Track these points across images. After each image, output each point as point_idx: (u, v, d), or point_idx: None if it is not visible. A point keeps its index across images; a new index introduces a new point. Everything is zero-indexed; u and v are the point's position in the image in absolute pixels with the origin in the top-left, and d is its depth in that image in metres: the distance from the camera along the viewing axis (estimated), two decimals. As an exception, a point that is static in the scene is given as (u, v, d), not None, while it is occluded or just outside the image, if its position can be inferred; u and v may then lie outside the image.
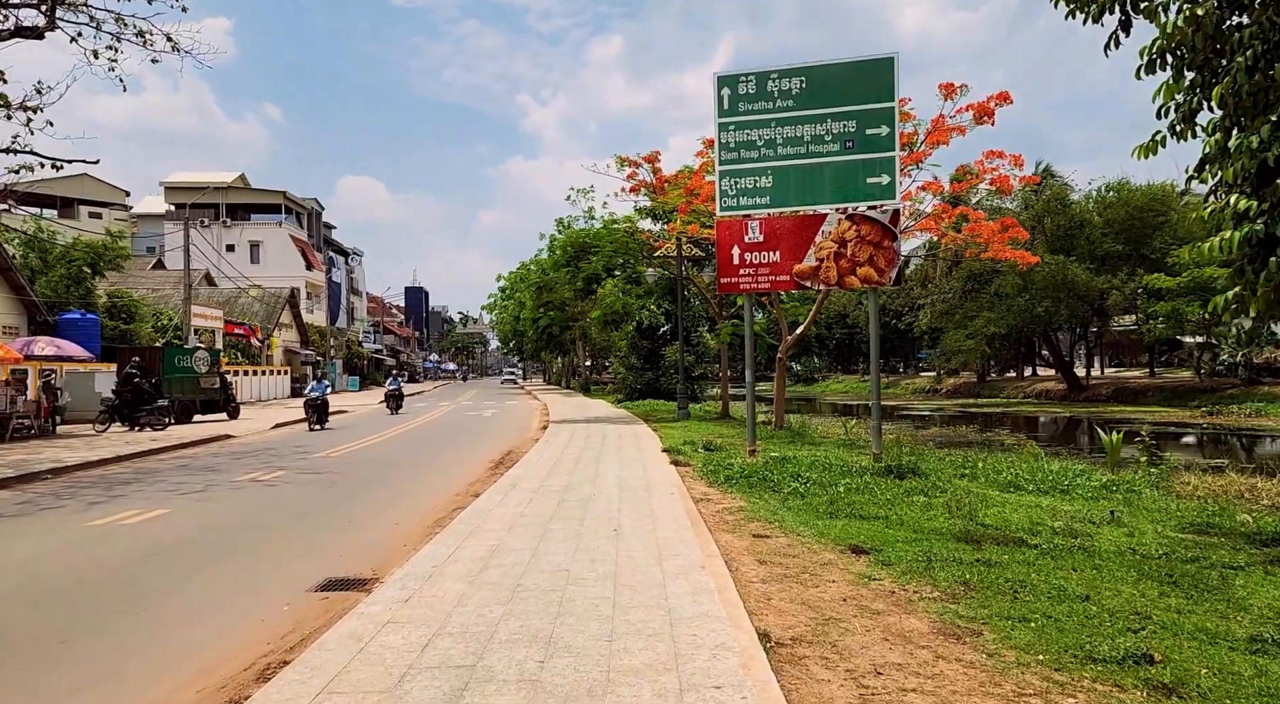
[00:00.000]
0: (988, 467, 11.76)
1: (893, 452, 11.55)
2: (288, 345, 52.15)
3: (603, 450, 14.17)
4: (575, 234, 22.50)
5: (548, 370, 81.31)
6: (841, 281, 10.36)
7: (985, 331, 47.10)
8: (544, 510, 8.19)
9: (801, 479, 9.37)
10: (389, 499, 10.30)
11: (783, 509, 8.12)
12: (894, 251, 10.15)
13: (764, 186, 10.56)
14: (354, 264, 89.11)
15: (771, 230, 10.60)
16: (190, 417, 23.91)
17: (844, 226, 10.29)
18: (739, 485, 9.48)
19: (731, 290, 10.99)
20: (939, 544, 6.50)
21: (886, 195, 10.07)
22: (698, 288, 23.12)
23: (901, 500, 8.35)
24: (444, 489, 11.02)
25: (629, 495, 9.02)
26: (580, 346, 51.98)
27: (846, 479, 9.33)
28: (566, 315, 33.33)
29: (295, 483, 11.56)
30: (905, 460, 10.21)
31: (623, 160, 20.83)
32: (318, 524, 8.61)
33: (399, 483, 11.77)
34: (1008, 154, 15.05)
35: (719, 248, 10.89)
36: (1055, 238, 45.94)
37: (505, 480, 10.62)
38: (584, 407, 30.61)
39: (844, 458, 11.60)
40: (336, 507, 9.69)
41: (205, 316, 36.48)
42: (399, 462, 14.51)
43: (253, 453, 16.05)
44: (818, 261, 10.40)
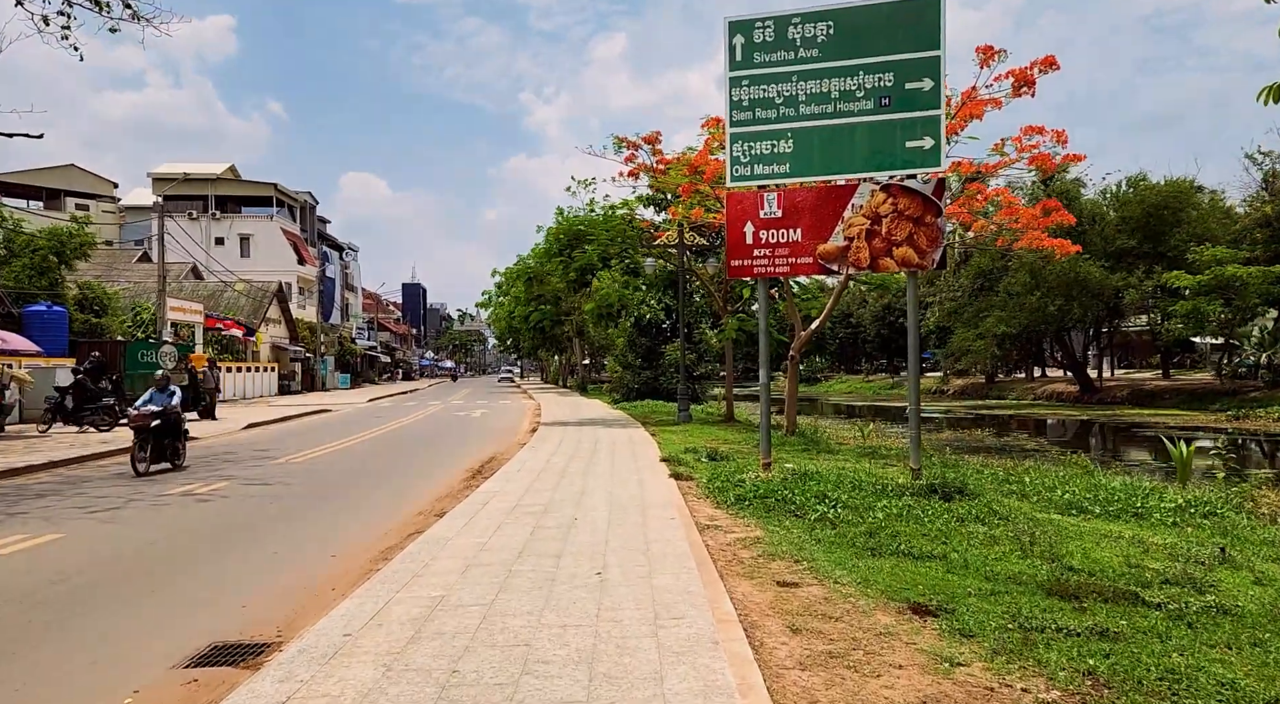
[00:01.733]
0: (1036, 482, 10.17)
1: (933, 467, 9.96)
2: (276, 341, 50.51)
3: (594, 458, 12.57)
4: (569, 221, 20.88)
5: (545, 369, 79.69)
6: (875, 264, 8.76)
7: (995, 331, 45.49)
8: (514, 541, 6.58)
9: (829, 500, 7.76)
10: (337, 519, 8.70)
11: (810, 542, 6.51)
12: (937, 229, 8.55)
13: (783, 152, 8.95)
14: (349, 259, 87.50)
15: (792, 204, 9.00)
16: (156, 416, 22.28)
17: (878, 199, 8.68)
18: (753, 508, 7.87)
19: (743, 275, 9.39)
20: (1025, 599, 4.91)
21: (930, 162, 8.46)
22: (700, 280, 21.49)
23: (956, 530, 6.74)
24: (406, 506, 9.42)
25: (620, 520, 7.42)
26: (577, 344, 50.35)
27: (884, 501, 7.72)
28: (559, 310, 31.69)
29: (235, 497, 9.96)
30: (949, 476, 8.60)
31: (621, 141, 19.22)
32: (238, 555, 7.00)
33: (356, 497, 10.17)
34: (1049, 129, 13.48)
35: (729, 225, 9.28)
36: (1065, 233, 44.29)
37: (477, 497, 9.02)
38: (579, 407, 28.99)
39: (874, 472, 10.00)
40: (270, 529, 8.08)
41: (184, 310, 34.86)
42: (366, 470, 12.92)
43: (207, 458, 14.45)
44: (846, 241, 8.80)
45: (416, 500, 9.84)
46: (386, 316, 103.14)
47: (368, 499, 10.08)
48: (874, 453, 13.90)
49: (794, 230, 8.97)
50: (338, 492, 10.56)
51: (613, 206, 20.87)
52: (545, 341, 51.83)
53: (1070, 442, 27.00)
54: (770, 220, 9.05)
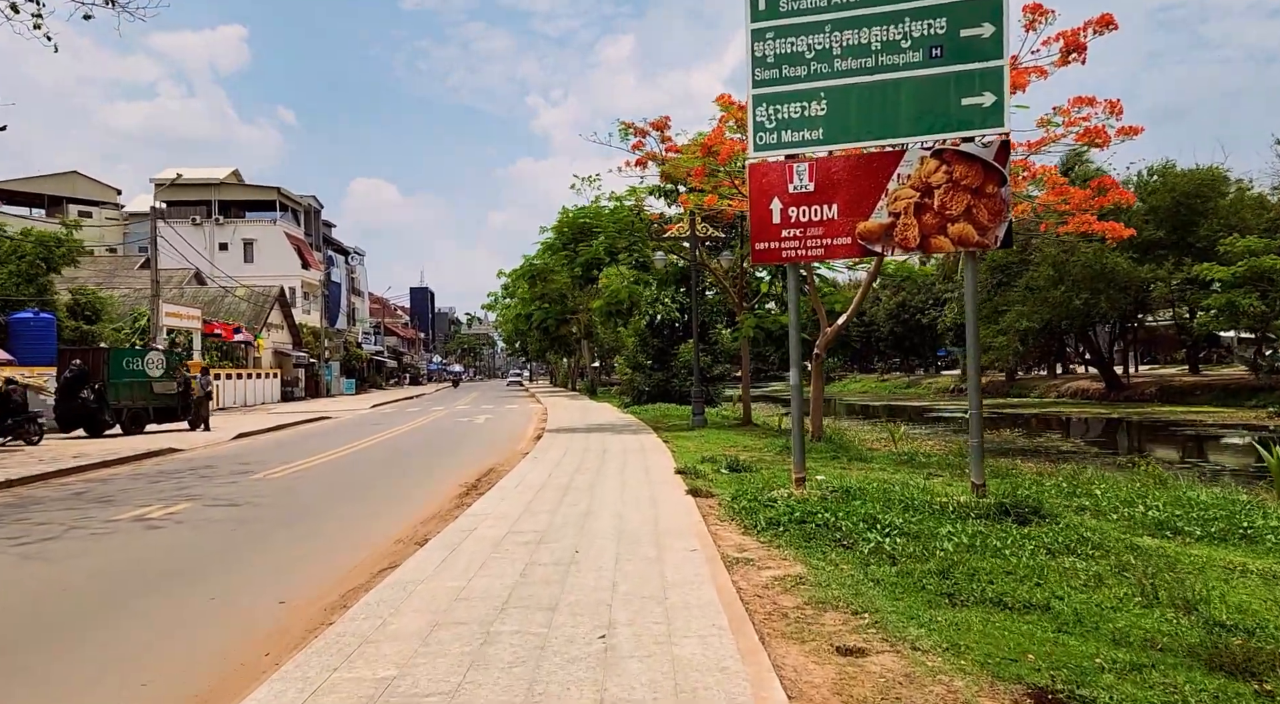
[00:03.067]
0: (1109, 495, 8.84)
1: (999, 483, 8.64)
2: (278, 347, 49.53)
3: (601, 471, 11.30)
4: (573, 214, 19.63)
5: (554, 372, 78.50)
6: (926, 244, 7.44)
7: (1017, 326, 43.96)
8: (499, 585, 5.32)
9: (880, 526, 6.45)
10: (301, 550, 7.46)
11: (867, 583, 5.22)
12: (1001, 200, 7.23)
13: (815, 115, 7.66)
14: (355, 264, 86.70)
15: (826, 176, 7.70)
16: (143, 426, 21.19)
17: (929, 167, 7.37)
18: (789, 535, 6.57)
19: (768, 260, 8.10)
20: (1181, 677, 3.60)
21: (991, 121, 7.16)
22: (714, 276, 20.19)
23: (1048, 566, 5.43)
24: (385, 531, 8.18)
25: (631, 553, 6.14)
26: (585, 346, 49.10)
27: (947, 526, 6.41)
28: (565, 308, 30.41)
29: (193, 522, 8.74)
30: (1021, 493, 7.26)
31: (627, 127, 17.92)
32: (170, 602, 5.77)
33: (331, 521, 8.94)
34: (1101, 99, 12.13)
35: (752, 202, 7.99)
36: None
37: (465, 521, 7.77)
38: (587, 411, 27.73)
39: (921, 485, 8.68)
40: (220, 565, 6.85)
41: (181, 316, 33.85)
42: (350, 485, 11.70)
43: (181, 473, 13.27)
44: (891, 217, 7.49)
45: (398, 524, 8.60)
46: (394, 321, 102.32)
47: (343, 523, 8.85)
48: (911, 460, 12.56)
49: (829, 206, 7.67)
50: (311, 514, 9.34)
51: (620, 197, 19.61)
52: (553, 343, 50.61)
53: (1108, 442, 25.53)
54: (801, 195, 7.76)
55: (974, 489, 7.37)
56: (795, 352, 8.02)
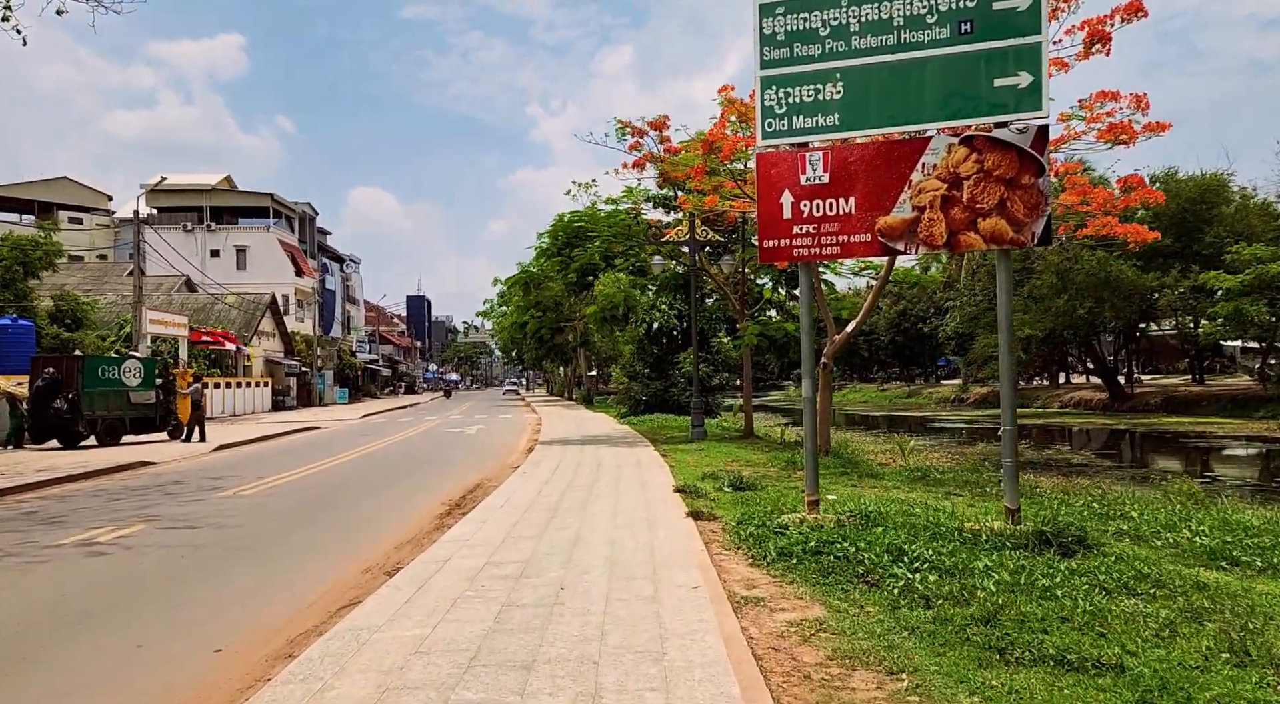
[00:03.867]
0: (1148, 518, 8.07)
1: (1035, 507, 7.86)
2: (270, 355, 48.70)
3: (594, 488, 10.51)
4: (568, 218, 18.90)
5: (551, 381, 77.65)
6: (954, 241, 6.69)
7: (1020, 336, 43.28)
8: (468, 634, 4.53)
9: (907, 558, 5.68)
10: (255, 582, 6.67)
11: (900, 632, 4.44)
12: (1038, 192, 6.49)
13: (830, 99, 6.92)
14: (350, 271, 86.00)
15: (842, 166, 6.95)
16: (119, 438, 20.35)
17: (958, 155, 6.63)
18: (804, 568, 5.79)
19: (778, 259, 7.34)
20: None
21: (1027, 104, 6.43)
22: (715, 282, 19.45)
23: (1108, 610, 4.65)
24: (352, 559, 7.40)
25: (624, 592, 5.36)
26: (582, 354, 48.31)
27: (982, 558, 5.63)
28: (560, 316, 29.62)
29: (142, 547, 7.94)
30: (1062, 520, 6.47)
31: (624, 126, 17.23)
32: (85, 651, 4.97)
33: (296, 546, 8.15)
34: (1125, 94, 11.45)
35: (760, 195, 7.24)
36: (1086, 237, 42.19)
37: (439, 549, 6.98)
38: (582, 422, 26.92)
39: (945, 508, 7.90)
40: (159, 601, 6.06)
41: (166, 323, 33.03)
42: (325, 503, 10.91)
43: (147, 489, 12.45)
44: (915, 211, 6.74)
45: (370, 549, 7.82)
46: (390, 329, 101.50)
47: (310, 548, 8.06)
48: (925, 477, 11.79)
49: (845, 200, 6.93)
50: (277, 538, 8.53)
51: (615, 200, 18.88)
52: (550, 352, 49.83)
53: (1119, 454, 24.78)
54: (814, 188, 7.01)
55: (1008, 514, 6.59)
56: (808, 359, 7.25)
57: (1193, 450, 24.58)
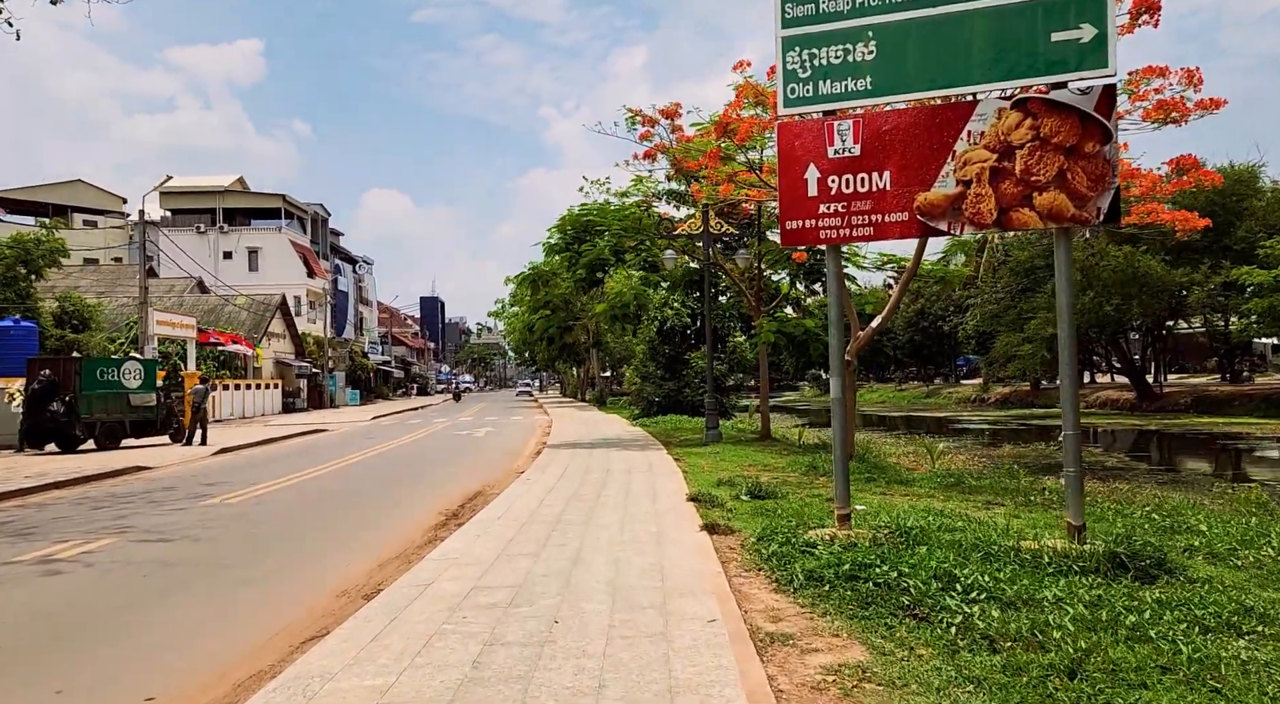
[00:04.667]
0: (1218, 532, 7.19)
1: (1099, 521, 6.99)
2: (280, 357, 48.34)
3: (601, 497, 9.74)
4: (576, 212, 18.15)
5: (564, 382, 76.98)
6: (1005, 219, 5.87)
7: (1044, 334, 42.09)
8: (437, 685, 3.77)
9: (959, 585, 4.86)
10: (213, 609, 5.95)
11: (961, 683, 3.63)
12: (1104, 162, 5.66)
13: (862, 60, 6.12)
14: (363, 273, 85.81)
15: (876, 136, 6.14)
16: (118, 441, 19.81)
17: (1009, 122, 5.81)
18: (840, 597, 4.98)
19: (801, 242, 6.54)
20: None
21: (1091, 62, 5.60)
22: (729, 277, 18.63)
23: (1217, 656, 3.81)
24: (333, 576, 6.68)
25: (628, 627, 4.58)
26: (594, 355, 47.55)
27: (1049, 587, 4.81)
28: (569, 314, 28.83)
29: (104, 565, 7.25)
30: (1139, 541, 5.61)
31: (635, 114, 16.48)
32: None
33: (271, 562, 7.42)
34: (1174, 69, 10.54)
35: (782, 169, 6.45)
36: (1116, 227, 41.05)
37: (424, 569, 6.23)
38: (594, 424, 26.17)
39: (1001, 526, 7.05)
40: (100, 632, 5.35)
41: (174, 324, 32.54)
42: (316, 512, 10.21)
43: (133, 497, 11.82)
44: (960, 186, 5.93)
45: (354, 566, 7.09)
46: (403, 331, 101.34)
47: (287, 564, 7.34)
48: (959, 483, 10.93)
49: (879, 174, 6.11)
50: (253, 552, 7.82)
51: (625, 192, 18.12)
52: (562, 352, 49.16)
53: (1156, 457, 23.69)
54: (843, 161, 6.20)
55: (1071, 532, 5.75)
56: (837, 356, 6.44)
57: (1233, 453, 23.48)
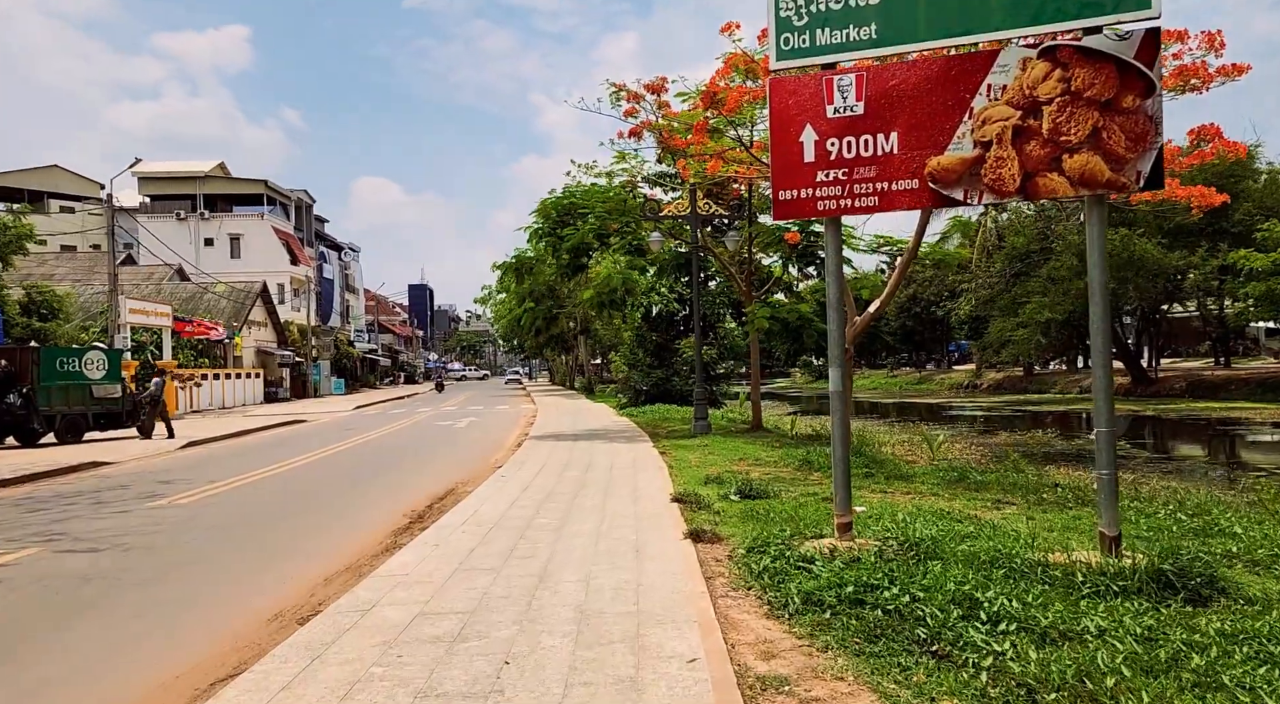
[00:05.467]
0: (1255, 534, 6.51)
1: (1136, 527, 6.27)
2: (262, 345, 47.33)
3: (578, 498, 8.99)
4: (558, 197, 17.30)
5: (553, 370, 76.17)
6: (1030, 186, 5.11)
7: (1039, 319, 41.54)
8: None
9: (983, 612, 4.13)
10: (115, 643, 5.17)
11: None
12: (1145, 118, 4.91)
13: (865, 5, 5.33)
14: (349, 260, 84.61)
15: (881, 92, 5.37)
16: (81, 435, 18.93)
17: (1035, 73, 5.04)
18: (844, 627, 4.25)
19: (796, 215, 5.77)
20: None
21: (1130, 2, 4.84)
22: (719, 261, 17.84)
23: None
24: (269, 595, 5.92)
25: (592, 669, 3.84)
26: (583, 342, 46.73)
27: (1090, 615, 4.09)
28: (555, 302, 27.98)
29: (12, 582, 6.46)
30: (1187, 556, 4.88)
31: (618, 89, 15.63)
32: None
33: (206, 576, 6.65)
34: (1193, 34, 9.79)
35: (773, 133, 5.67)
36: (1112, 208, 40.51)
37: (367, 588, 5.48)
38: (580, 413, 25.41)
39: (1020, 534, 6.34)
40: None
41: (148, 312, 31.56)
42: (269, 514, 9.42)
43: (78, 497, 11.00)
44: (978, 148, 5.17)
45: (293, 583, 6.32)
46: (390, 319, 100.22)
47: (223, 579, 6.57)
48: (963, 478, 10.22)
49: (885, 137, 5.35)
50: (189, 564, 7.05)
51: (609, 173, 17.28)
52: (550, 340, 48.33)
53: (1157, 444, 23.13)
54: (844, 121, 5.42)
55: (1104, 543, 5.03)
56: (836, 343, 5.69)
57: (1237, 439, 22.96)
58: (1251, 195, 38.24)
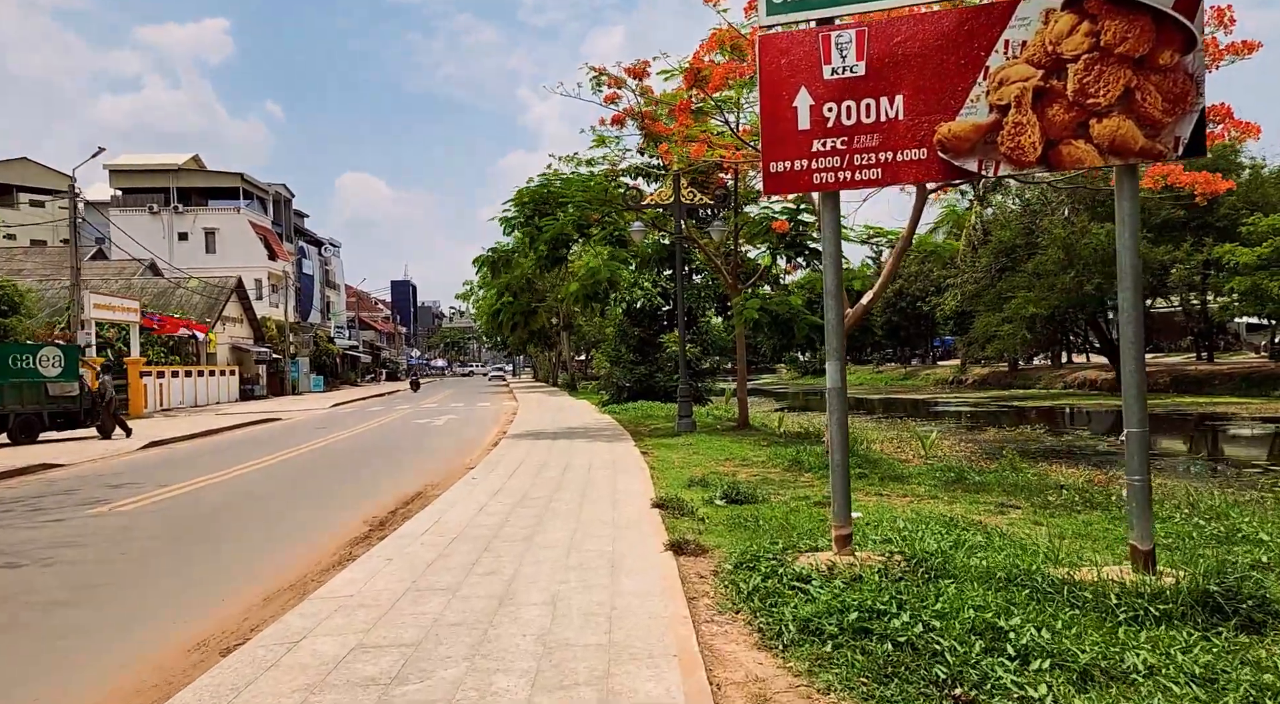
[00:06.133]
0: (1285, 541, 5.98)
1: (1175, 546, 5.69)
2: (237, 342, 46.26)
3: (551, 504, 8.35)
4: (535, 185, 16.61)
5: (537, 366, 75.36)
6: (1053, 155, 4.52)
7: (1024, 314, 41.26)
8: None
9: (1009, 643, 3.54)
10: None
11: None
12: (1185, 77, 4.33)
13: (867, -50, 4.73)
14: (329, 255, 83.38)
15: (886, 49, 4.77)
16: (34, 435, 18.06)
17: (1060, 27, 4.45)
18: (848, 663, 3.64)
19: (789, 189, 5.16)
20: None
21: (1169, -57, 4.26)
22: (704, 253, 17.21)
23: None
24: (198, 620, 5.24)
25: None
26: (565, 338, 45.99)
27: (1132, 645, 3.50)
28: (532, 297, 27.24)
29: (-89, 604, 5.75)
30: (1229, 568, 4.31)
31: (599, 74, 14.94)
32: None
33: (125, 603, 5.96)
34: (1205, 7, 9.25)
35: (764, 97, 5.05)
36: (1097, 203, 40.28)
37: (301, 614, 4.81)
38: (561, 411, 24.74)
39: (1038, 547, 5.76)
40: None
41: (114, 308, 30.55)
42: (216, 524, 8.70)
43: (14, 504, 10.23)
44: (994, 113, 4.58)
45: (228, 605, 5.65)
46: (372, 315, 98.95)
47: (147, 600, 5.88)
48: (960, 479, 9.66)
49: (889, 100, 4.74)
50: (115, 584, 6.34)
51: (591, 161, 16.60)
52: (533, 337, 47.57)
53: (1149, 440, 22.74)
54: (844, 83, 4.81)
55: (1136, 559, 4.45)
56: (836, 334, 5.07)
57: (1223, 435, 22.66)
58: (1235, 189, 38.21)
